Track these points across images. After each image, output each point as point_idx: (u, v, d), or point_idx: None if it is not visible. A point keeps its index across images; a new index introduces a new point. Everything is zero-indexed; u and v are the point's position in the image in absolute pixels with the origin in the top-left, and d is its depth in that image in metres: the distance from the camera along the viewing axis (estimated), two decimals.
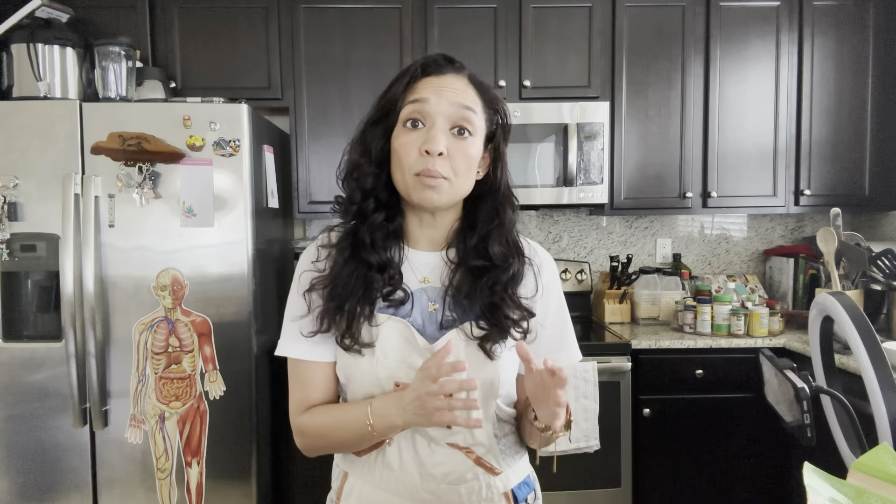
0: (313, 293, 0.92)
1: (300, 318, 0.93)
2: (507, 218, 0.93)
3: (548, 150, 2.45)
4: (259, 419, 2.07)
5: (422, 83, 0.89)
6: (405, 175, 0.88)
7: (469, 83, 0.91)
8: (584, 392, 2.14)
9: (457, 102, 0.88)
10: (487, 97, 0.93)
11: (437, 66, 0.90)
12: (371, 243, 0.90)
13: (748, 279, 2.79)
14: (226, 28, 2.43)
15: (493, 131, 0.94)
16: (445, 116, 0.87)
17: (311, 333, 0.91)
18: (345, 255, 0.91)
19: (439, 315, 0.92)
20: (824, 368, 1.20)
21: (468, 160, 0.89)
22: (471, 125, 0.89)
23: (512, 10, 2.47)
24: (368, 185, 0.91)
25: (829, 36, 2.53)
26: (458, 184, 0.89)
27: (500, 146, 0.94)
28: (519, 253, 0.94)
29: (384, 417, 0.85)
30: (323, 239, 0.96)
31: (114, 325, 1.97)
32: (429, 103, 0.87)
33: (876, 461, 0.62)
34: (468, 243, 0.93)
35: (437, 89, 0.88)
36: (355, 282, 0.89)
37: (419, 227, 0.95)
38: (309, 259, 0.96)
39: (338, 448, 0.96)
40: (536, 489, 1.03)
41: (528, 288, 0.95)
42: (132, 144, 1.89)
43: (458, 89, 0.89)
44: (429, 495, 0.91)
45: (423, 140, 0.86)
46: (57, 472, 1.97)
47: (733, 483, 2.29)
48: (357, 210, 0.92)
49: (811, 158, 2.55)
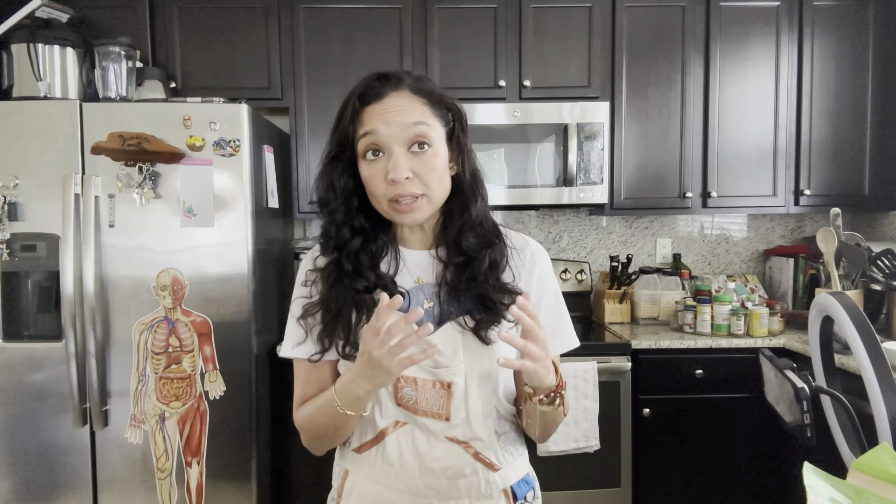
0: (308, 318, 0.94)
1: (298, 344, 0.95)
2: (476, 210, 0.94)
3: (548, 150, 2.45)
4: (259, 419, 2.07)
5: (366, 113, 0.88)
6: (381, 202, 0.90)
7: (413, 94, 0.89)
8: (584, 392, 2.14)
9: (405, 123, 0.87)
10: (435, 99, 0.91)
11: (374, 92, 0.89)
12: (354, 270, 0.92)
13: (748, 279, 2.79)
14: (226, 28, 2.43)
15: (452, 127, 0.94)
16: (399, 140, 0.87)
17: (317, 355, 0.93)
18: (329, 281, 0.93)
19: (435, 311, 0.94)
20: (824, 368, 1.20)
21: (436, 171, 0.89)
22: (427, 138, 0.88)
23: (512, 10, 2.47)
24: (340, 218, 0.93)
25: (829, 36, 2.53)
26: (435, 195, 0.90)
27: (461, 139, 0.95)
28: (491, 242, 0.95)
29: (347, 391, 0.87)
30: (309, 263, 0.98)
31: (114, 325, 1.97)
32: (379, 133, 0.87)
33: (876, 461, 0.62)
34: (448, 241, 0.95)
35: (383, 116, 0.87)
36: (346, 305, 0.91)
37: (409, 231, 0.98)
38: (300, 282, 0.99)
39: (322, 437, 0.96)
40: (536, 488, 1.03)
41: (507, 275, 0.96)
42: (132, 144, 1.89)
43: (402, 109, 0.87)
44: (428, 490, 0.92)
45: (386, 169, 0.87)
46: (57, 472, 1.97)
47: (733, 483, 2.29)
48: (335, 244, 0.93)
49: (811, 158, 2.55)
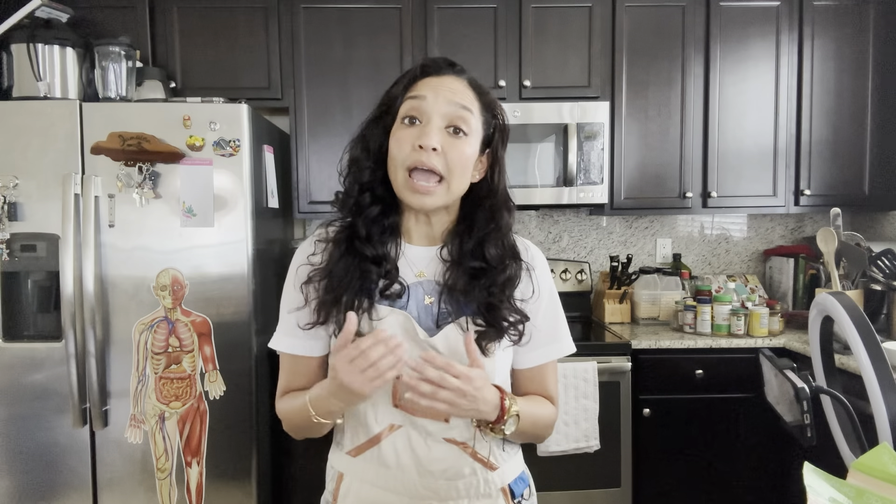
0: (310, 286, 0.93)
1: (296, 310, 0.94)
2: (504, 222, 0.95)
3: (548, 150, 2.45)
4: (259, 419, 2.07)
5: (421, 82, 0.91)
6: (398, 170, 0.89)
7: (468, 86, 0.93)
8: (584, 392, 2.14)
9: (453, 101, 0.89)
10: (486, 100, 0.94)
11: (436, 68, 0.92)
12: (367, 236, 0.92)
13: (748, 279, 2.79)
14: (226, 28, 2.43)
15: (491, 135, 0.95)
16: (442, 114, 0.89)
17: (309, 325, 0.93)
18: (341, 247, 0.92)
19: (435, 308, 0.93)
20: (824, 368, 1.20)
21: (462, 159, 0.90)
22: (466, 125, 0.90)
23: (512, 10, 2.47)
24: (365, 178, 0.93)
25: (829, 36, 2.53)
26: (453, 184, 0.90)
27: (499, 150, 0.96)
28: (515, 256, 0.95)
29: (321, 405, 0.87)
30: (320, 234, 0.97)
31: (114, 325, 1.97)
32: (426, 101, 0.89)
33: (876, 461, 0.62)
34: (465, 246, 0.94)
35: (435, 88, 0.90)
36: (351, 274, 0.90)
37: (415, 223, 0.97)
38: (305, 253, 0.97)
39: (301, 431, 0.97)
40: (531, 485, 1.03)
41: (525, 290, 0.96)
42: (132, 144, 1.89)
43: (455, 90, 0.91)
44: (427, 491, 0.92)
45: (418, 135, 0.88)
46: (57, 472, 1.97)
47: (733, 483, 2.29)
48: (354, 203, 0.93)
49: (811, 158, 2.55)
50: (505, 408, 0.88)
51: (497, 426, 0.88)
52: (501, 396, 0.88)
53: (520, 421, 0.90)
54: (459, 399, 0.81)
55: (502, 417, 0.88)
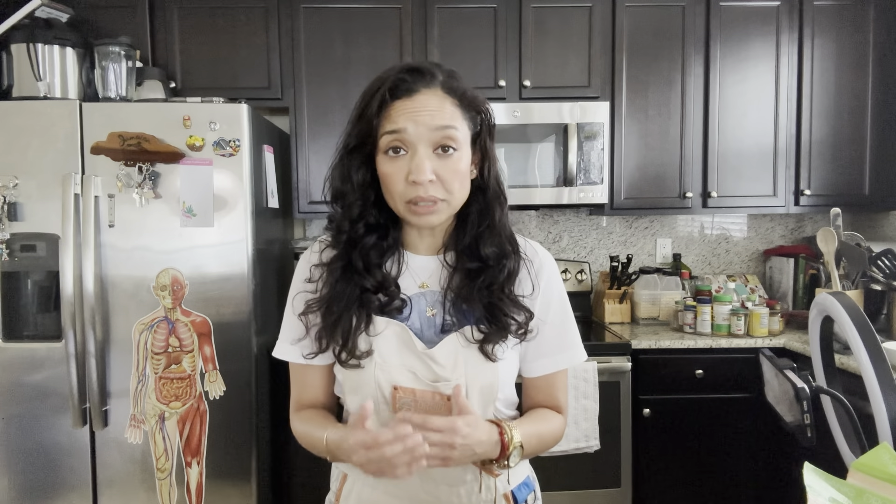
0: (309, 315, 0.92)
1: (298, 341, 0.94)
2: (498, 218, 0.92)
3: (548, 150, 2.44)
4: (259, 419, 2.07)
5: (394, 109, 0.85)
6: (397, 202, 0.87)
7: (444, 94, 0.86)
8: (584, 392, 2.14)
9: (435, 126, 0.84)
10: (466, 101, 0.89)
11: (405, 87, 0.85)
12: (364, 267, 0.90)
13: (748, 279, 2.79)
14: (226, 28, 2.43)
15: (478, 131, 0.91)
16: (426, 141, 0.84)
17: (311, 355, 0.93)
18: (336, 276, 0.90)
19: (438, 319, 0.92)
20: (824, 368, 1.20)
21: (459, 176, 0.87)
22: (454, 141, 0.85)
23: (512, 10, 2.47)
24: (355, 213, 0.89)
25: (829, 36, 2.53)
26: (455, 200, 0.88)
27: (487, 144, 0.92)
28: (514, 251, 0.93)
29: (338, 452, 0.87)
30: (314, 258, 0.95)
31: (114, 325, 1.97)
32: (407, 132, 0.83)
33: (876, 461, 0.62)
34: (461, 245, 0.93)
35: (412, 115, 0.84)
36: (350, 302, 0.89)
37: (418, 236, 0.95)
38: (302, 277, 0.96)
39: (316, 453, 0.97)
40: (536, 490, 1.02)
41: (525, 286, 0.94)
42: (132, 144, 1.89)
43: (433, 109, 0.84)
44: (428, 497, 0.91)
45: (408, 169, 0.84)
46: (57, 472, 1.97)
47: (733, 483, 2.29)
48: (347, 239, 0.90)
49: (811, 158, 2.55)
50: (505, 443, 0.85)
51: (501, 461, 0.86)
52: (500, 432, 0.85)
53: (524, 449, 0.87)
54: (449, 451, 0.79)
55: (505, 452, 0.85)
